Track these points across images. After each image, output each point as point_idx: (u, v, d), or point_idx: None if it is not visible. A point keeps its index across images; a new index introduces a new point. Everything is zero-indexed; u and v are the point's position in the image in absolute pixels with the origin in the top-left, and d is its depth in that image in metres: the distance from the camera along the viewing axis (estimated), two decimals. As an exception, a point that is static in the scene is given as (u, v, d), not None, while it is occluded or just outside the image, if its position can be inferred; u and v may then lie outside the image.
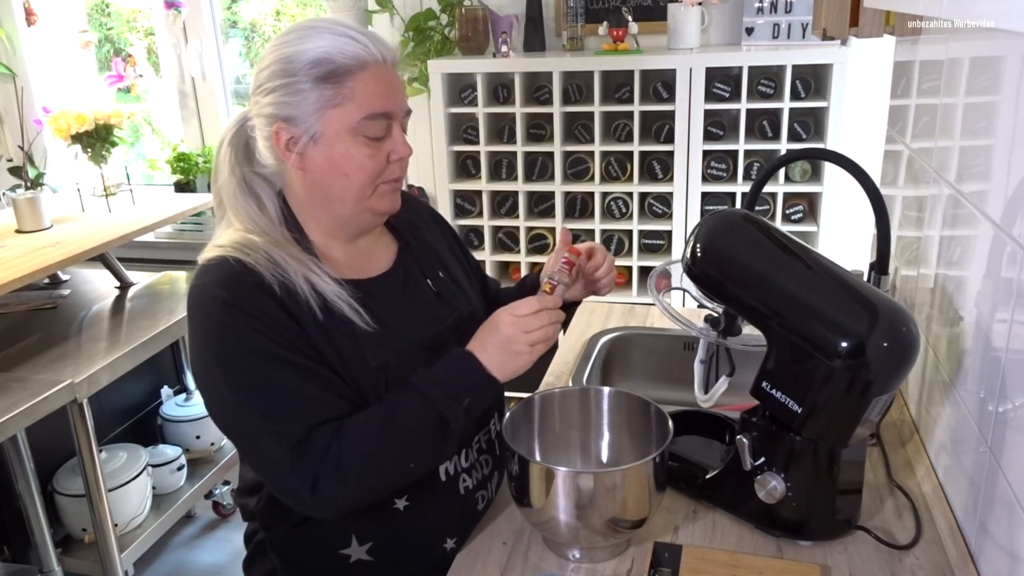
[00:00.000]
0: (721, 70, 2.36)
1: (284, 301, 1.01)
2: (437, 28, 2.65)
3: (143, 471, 2.32)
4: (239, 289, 1.00)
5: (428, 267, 1.22)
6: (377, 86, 1.03)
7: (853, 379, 0.98)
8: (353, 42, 1.01)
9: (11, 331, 2.22)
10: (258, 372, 0.99)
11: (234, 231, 1.07)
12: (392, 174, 1.08)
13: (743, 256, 1.09)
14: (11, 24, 3.15)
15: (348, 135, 1.03)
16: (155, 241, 3.21)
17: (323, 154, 1.04)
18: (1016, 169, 0.91)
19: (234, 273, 1.01)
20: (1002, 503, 0.95)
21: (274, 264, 1.03)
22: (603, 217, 2.54)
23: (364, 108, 1.02)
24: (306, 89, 1.01)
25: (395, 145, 1.07)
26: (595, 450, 1.21)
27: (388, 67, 1.05)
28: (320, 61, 1.00)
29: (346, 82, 1.01)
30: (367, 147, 1.04)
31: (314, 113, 1.02)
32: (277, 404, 0.99)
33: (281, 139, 1.04)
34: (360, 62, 1.01)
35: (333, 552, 1.11)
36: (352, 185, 1.05)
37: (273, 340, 1.00)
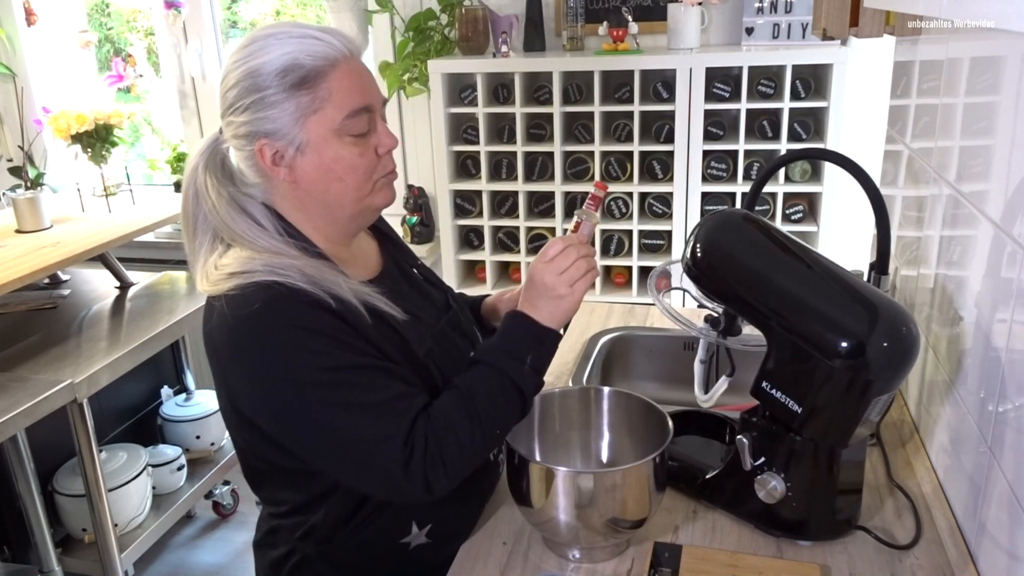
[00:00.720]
0: (721, 70, 2.35)
1: (340, 312, 0.99)
2: (437, 28, 2.65)
3: (143, 471, 2.32)
4: (298, 310, 0.97)
5: (406, 257, 1.25)
6: (351, 82, 1.01)
7: (853, 379, 0.98)
8: (317, 42, 0.99)
9: (11, 331, 2.22)
10: (347, 386, 0.97)
11: (239, 251, 1.03)
12: (385, 167, 1.07)
13: (743, 256, 1.09)
14: (11, 24, 3.15)
15: (333, 138, 1.01)
16: (155, 241, 3.20)
17: (313, 162, 1.02)
18: (1016, 169, 0.91)
19: (283, 296, 0.97)
20: (1002, 503, 0.95)
21: (310, 278, 0.99)
22: (603, 217, 2.54)
23: (344, 107, 1.00)
24: (281, 100, 0.98)
25: (380, 138, 1.05)
26: (595, 450, 1.21)
27: (356, 60, 1.03)
28: (289, 68, 0.98)
29: (320, 84, 0.99)
30: (355, 146, 1.02)
31: (295, 123, 0.99)
32: (376, 412, 0.97)
33: (266, 155, 1.01)
34: (329, 61, 0.99)
35: (393, 543, 1.12)
36: (348, 187, 1.04)
37: (350, 351, 0.98)
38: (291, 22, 1.04)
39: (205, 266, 1.05)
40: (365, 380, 0.98)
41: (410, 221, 2.81)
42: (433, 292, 1.23)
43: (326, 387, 0.97)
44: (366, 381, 0.98)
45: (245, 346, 0.99)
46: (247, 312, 0.97)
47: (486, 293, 1.45)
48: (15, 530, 2.18)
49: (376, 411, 0.98)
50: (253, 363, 0.99)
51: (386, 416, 0.98)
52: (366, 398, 0.98)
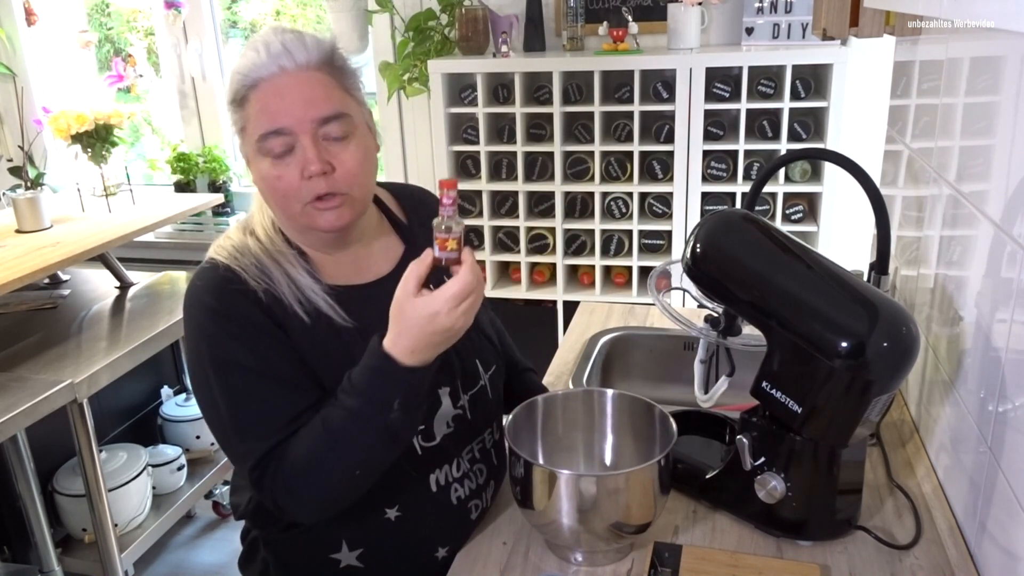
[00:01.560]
0: (721, 70, 2.35)
1: (269, 308, 1.02)
2: (437, 28, 2.65)
3: (143, 471, 2.32)
4: (224, 296, 1.02)
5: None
6: (268, 103, 0.98)
7: (853, 379, 0.98)
8: (255, 58, 0.99)
9: (11, 331, 2.22)
10: (236, 383, 1.01)
11: (240, 229, 1.09)
12: (312, 192, 1.00)
13: (743, 256, 1.09)
14: (11, 24, 3.15)
15: (258, 156, 1.02)
16: (155, 241, 3.21)
17: (253, 175, 1.05)
18: (1016, 169, 0.91)
19: (221, 279, 1.03)
20: (1002, 503, 0.95)
21: (261, 271, 1.04)
22: (603, 217, 2.54)
23: (257, 128, 1.00)
24: (231, 113, 1.03)
25: (303, 161, 0.99)
26: (598, 453, 1.21)
27: (290, 75, 0.98)
28: (232, 83, 1.01)
29: (246, 106, 1.01)
30: (274, 168, 1.00)
31: (237, 137, 1.05)
32: (247, 420, 1.01)
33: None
34: (252, 81, 0.99)
35: (323, 556, 1.11)
36: (276, 205, 1.05)
37: (253, 351, 1.01)
38: (272, 27, 1.04)
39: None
40: (253, 386, 1.01)
41: (410, 221, 2.80)
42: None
43: (222, 375, 1.01)
44: (252, 388, 1.01)
45: (184, 314, 1.07)
46: (191, 286, 1.06)
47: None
48: (15, 530, 2.18)
49: (247, 421, 1.01)
50: (185, 329, 1.07)
51: (252, 431, 1.01)
52: (245, 404, 1.01)
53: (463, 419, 1.14)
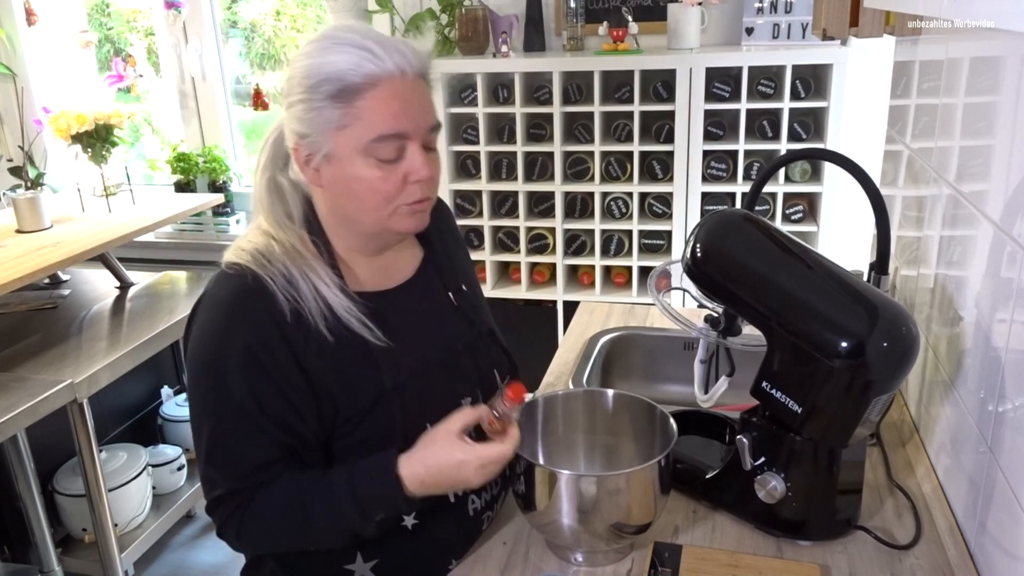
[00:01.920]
0: (721, 70, 2.35)
1: (291, 333, 0.99)
2: (437, 28, 2.65)
3: (143, 471, 2.33)
4: (248, 316, 0.99)
5: (450, 279, 1.18)
6: (389, 105, 0.97)
7: (853, 379, 0.98)
8: (370, 57, 0.96)
9: (11, 331, 2.22)
10: (223, 411, 1.01)
11: (261, 232, 1.06)
12: (411, 196, 1.02)
13: (743, 256, 1.09)
14: (11, 24, 3.15)
15: (358, 157, 0.98)
16: (155, 241, 3.21)
17: (336, 174, 1.00)
18: (1016, 169, 0.91)
19: (247, 293, 1.00)
20: (1002, 503, 0.95)
21: (289, 283, 1.00)
22: (603, 217, 2.54)
23: (373, 129, 0.97)
24: (319, 108, 0.97)
25: (412, 166, 1.00)
26: (598, 453, 1.21)
27: (408, 81, 0.98)
28: (332, 78, 0.96)
29: (355, 102, 0.96)
30: (378, 169, 0.99)
31: (325, 133, 0.98)
32: (217, 450, 1.02)
33: (300, 154, 1.01)
34: (372, 80, 0.96)
35: (337, 567, 1.09)
36: (365, 207, 1.02)
37: (252, 389, 0.99)
38: (361, 27, 1.00)
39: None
40: (236, 420, 1.00)
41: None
42: (457, 324, 1.16)
43: (217, 395, 1.00)
44: (237, 422, 1.00)
45: (199, 320, 1.04)
46: (215, 292, 1.03)
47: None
48: (15, 530, 2.18)
49: (222, 451, 1.02)
50: (195, 337, 1.04)
51: (217, 462, 1.02)
52: (226, 435, 1.01)
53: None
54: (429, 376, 1.08)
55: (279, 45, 3.28)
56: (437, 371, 1.10)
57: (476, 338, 1.17)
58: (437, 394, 1.09)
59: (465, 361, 1.14)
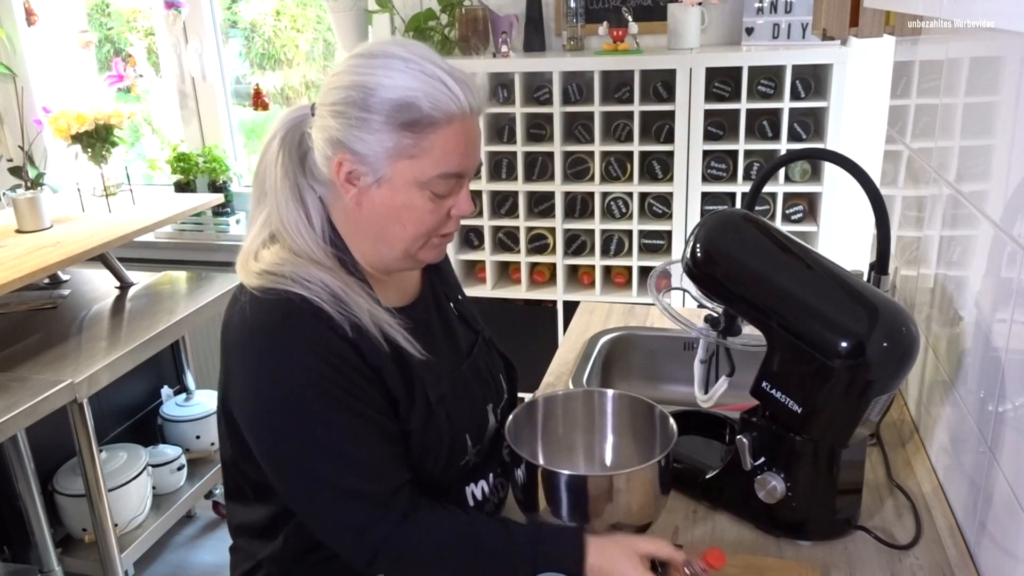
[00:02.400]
0: (721, 70, 2.35)
1: (358, 343, 0.97)
2: (437, 28, 2.65)
3: (143, 471, 2.32)
4: (314, 333, 0.95)
5: (448, 290, 1.20)
6: (457, 144, 0.97)
7: (853, 379, 0.98)
8: (446, 91, 0.94)
9: (11, 331, 2.22)
10: (337, 429, 0.95)
11: (279, 249, 1.01)
12: (447, 228, 1.03)
13: (743, 256, 1.09)
14: (11, 24, 3.15)
15: (414, 187, 0.97)
16: (155, 241, 3.21)
17: (384, 199, 0.98)
18: (1016, 169, 0.91)
19: (303, 313, 0.95)
20: (1002, 503, 0.95)
21: (335, 297, 0.97)
22: (603, 217, 2.54)
23: (439, 166, 0.96)
24: (383, 130, 0.94)
25: (459, 201, 1.01)
26: (599, 453, 1.21)
27: (473, 119, 0.99)
28: (406, 106, 0.93)
29: (427, 135, 0.95)
30: (431, 202, 0.98)
31: (385, 157, 0.95)
32: (357, 465, 0.96)
33: (343, 169, 0.97)
34: (447, 117, 0.95)
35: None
36: (406, 235, 1.00)
37: (354, 393, 0.96)
38: (428, 52, 0.98)
39: (249, 248, 1.03)
40: (360, 428, 0.96)
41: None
42: (462, 331, 1.18)
43: (317, 423, 0.95)
44: (360, 430, 0.96)
45: (253, 354, 0.97)
46: (265, 320, 0.96)
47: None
48: (15, 530, 2.18)
49: (364, 463, 0.96)
50: (256, 373, 0.97)
51: (367, 475, 0.96)
52: (355, 449, 0.96)
53: (498, 433, 1.16)
54: (461, 386, 1.10)
55: (279, 45, 3.28)
56: (466, 380, 1.11)
57: (483, 344, 1.19)
58: (470, 404, 1.11)
59: (482, 368, 1.16)
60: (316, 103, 1.00)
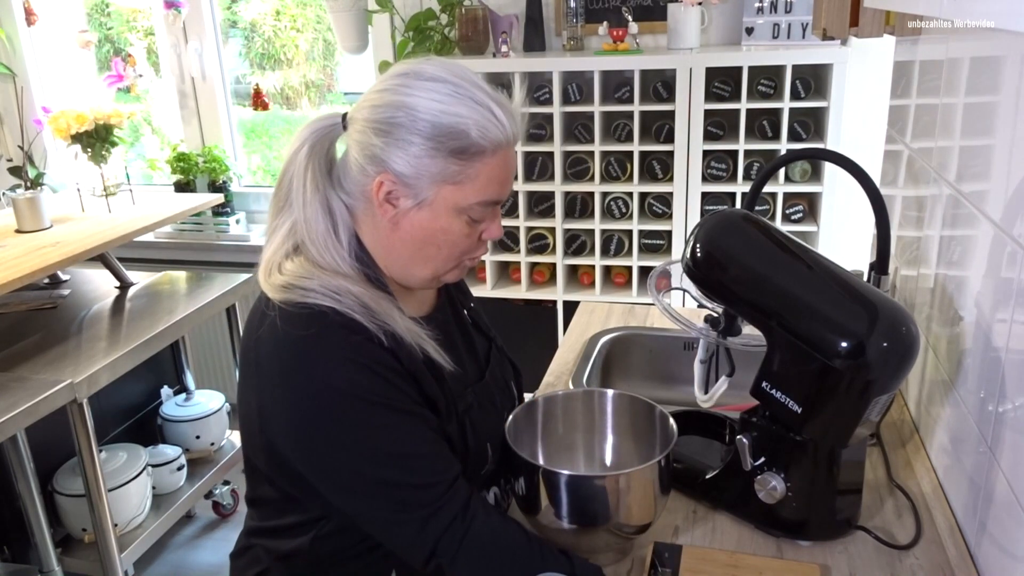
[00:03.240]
0: (721, 70, 2.35)
1: (395, 351, 0.96)
2: (437, 28, 2.65)
3: (143, 471, 2.32)
4: (352, 343, 0.94)
5: (463, 296, 1.21)
6: (500, 173, 0.98)
7: (853, 379, 0.98)
8: (494, 120, 0.95)
9: (11, 331, 2.22)
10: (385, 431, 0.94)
11: (304, 261, 0.99)
12: (478, 252, 1.05)
13: (743, 256, 1.09)
14: (11, 24, 3.15)
15: (454, 212, 0.98)
16: (155, 241, 3.21)
17: (423, 221, 0.98)
18: (1016, 169, 0.91)
19: (339, 326, 0.94)
20: (1002, 503, 0.95)
21: (366, 309, 0.96)
22: (603, 217, 2.54)
23: (482, 193, 0.97)
24: (430, 155, 0.94)
25: (491, 227, 1.03)
26: (599, 453, 1.21)
27: (512, 149, 1.00)
28: (456, 133, 0.93)
29: (474, 163, 0.95)
30: (467, 226, 1.00)
31: (430, 182, 0.95)
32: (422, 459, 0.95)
33: (383, 189, 0.97)
34: (494, 146, 0.95)
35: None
36: (440, 257, 1.02)
37: (397, 396, 0.95)
38: (474, 78, 0.98)
39: (271, 259, 1.01)
40: (412, 427, 0.96)
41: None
42: (477, 339, 1.18)
43: (373, 428, 0.94)
44: (413, 429, 0.96)
45: (292, 370, 0.95)
46: (301, 335, 0.94)
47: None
48: (15, 530, 2.18)
49: (422, 459, 0.95)
50: (297, 389, 0.95)
51: (425, 468, 0.95)
52: (412, 447, 0.95)
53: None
54: (485, 396, 1.11)
55: (279, 45, 3.28)
56: (489, 390, 1.12)
57: (496, 351, 1.20)
58: (492, 413, 1.11)
59: (498, 376, 1.17)
60: (351, 115, 0.99)
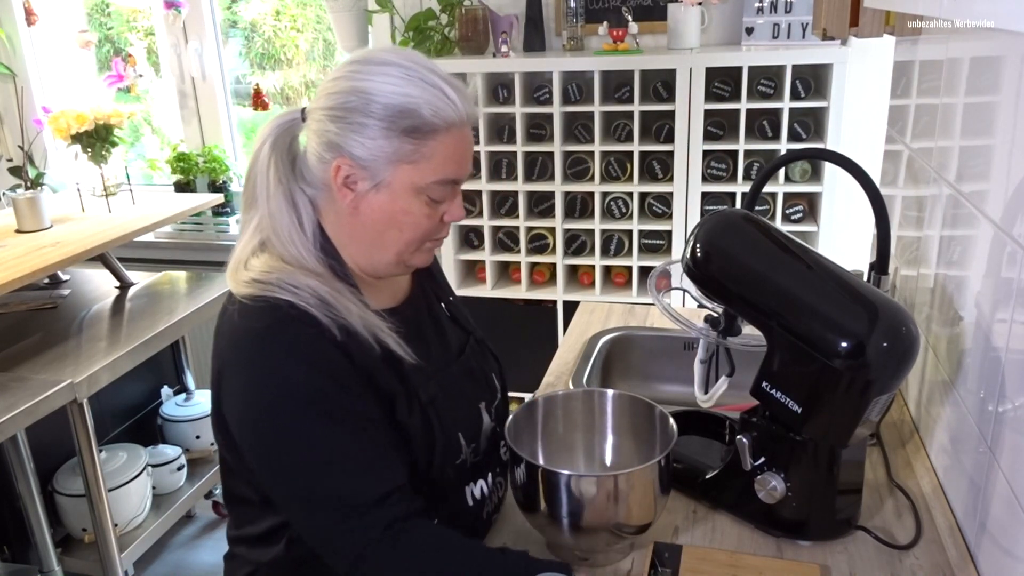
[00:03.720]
0: (721, 70, 2.35)
1: (347, 346, 0.97)
2: (437, 28, 2.65)
3: (143, 471, 2.32)
4: (302, 339, 0.95)
5: (439, 290, 1.21)
6: (455, 151, 0.99)
7: (853, 379, 0.98)
8: (445, 100, 0.96)
9: (11, 331, 2.22)
10: (319, 438, 0.95)
11: (269, 258, 1.01)
12: (440, 233, 1.06)
13: (743, 256, 1.09)
14: (11, 24, 3.15)
15: (412, 192, 0.99)
16: (155, 241, 3.21)
17: (382, 204, 1.00)
18: (1016, 169, 0.91)
19: (291, 320, 0.95)
20: (1002, 503, 0.95)
21: (324, 303, 0.97)
22: (603, 217, 2.54)
23: (438, 172, 0.98)
24: (383, 136, 0.96)
25: (452, 208, 1.04)
26: (599, 453, 1.21)
27: (467, 128, 1.01)
28: (408, 113, 0.95)
29: (428, 141, 0.97)
30: (427, 207, 1.01)
31: (385, 163, 0.97)
32: (337, 474, 0.95)
33: (341, 173, 0.98)
34: (447, 124, 0.97)
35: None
36: (402, 239, 1.02)
37: (339, 400, 0.96)
38: (425, 60, 0.99)
39: (239, 256, 1.03)
40: (346, 436, 0.96)
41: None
42: (452, 332, 1.18)
43: (306, 432, 0.95)
44: (347, 437, 0.96)
45: (244, 361, 0.98)
46: (254, 328, 0.97)
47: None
48: (15, 530, 2.18)
49: (350, 470, 0.96)
50: (245, 380, 0.98)
51: (351, 482, 0.95)
52: (340, 456, 0.95)
53: (495, 432, 1.16)
54: (452, 386, 1.10)
55: (279, 45, 3.28)
56: (457, 380, 1.11)
57: (475, 344, 1.19)
58: (462, 403, 1.11)
59: (475, 368, 1.16)
60: (309, 107, 1.02)
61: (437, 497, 1.05)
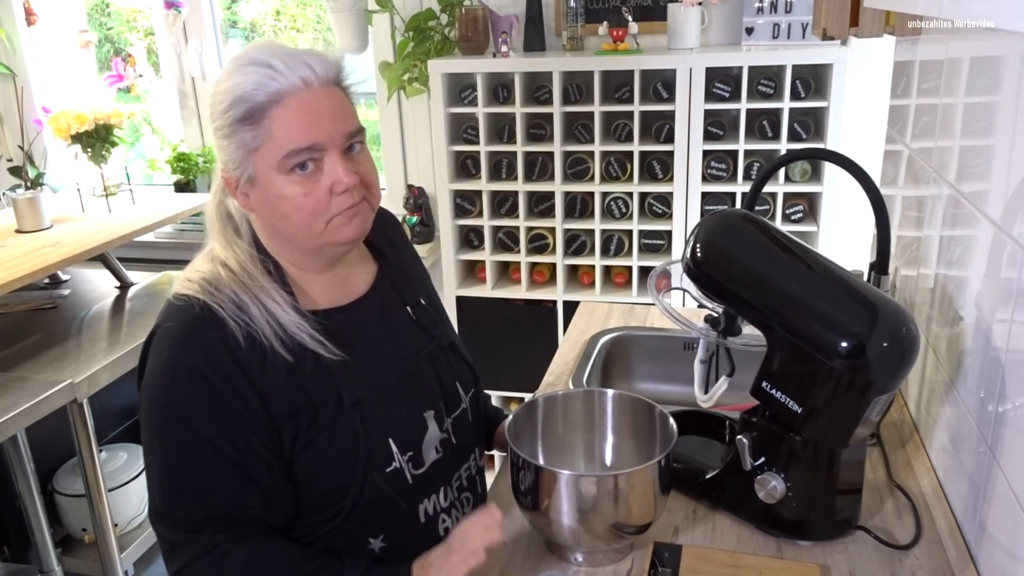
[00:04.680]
0: (721, 70, 2.35)
1: (247, 356, 0.97)
2: (437, 28, 2.65)
3: (143, 471, 2.32)
4: (196, 342, 0.97)
5: (407, 293, 1.17)
6: (296, 119, 0.95)
7: (853, 379, 0.98)
8: (272, 74, 0.94)
9: (11, 331, 2.22)
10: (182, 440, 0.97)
11: (209, 260, 1.05)
12: (340, 206, 0.99)
13: (743, 256, 1.09)
14: (11, 24, 3.15)
15: (277, 175, 0.97)
16: (155, 241, 3.20)
17: (261, 196, 0.99)
18: (1016, 169, 0.91)
19: (197, 321, 0.98)
20: (1002, 503, 0.95)
21: (239, 308, 0.99)
22: (603, 217, 2.54)
23: (284, 146, 0.95)
24: (231, 132, 0.97)
25: (334, 176, 0.97)
26: (599, 453, 1.21)
27: (316, 91, 0.96)
28: (237, 101, 0.95)
29: (262, 121, 0.95)
30: (300, 185, 0.97)
31: (243, 156, 0.97)
32: (177, 487, 0.98)
33: (230, 182, 1.01)
34: (275, 96, 0.94)
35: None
36: (295, 224, 0.99)
37: (208, 412, 0.97)
38: (263, 44, 0.99)
39: (193, 262, 1.08)
40: (198, 453, 0.97)
41: (410, 221, 2.81)
42: (416, 336, 1.15)
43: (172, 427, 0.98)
44: (198, 454, 0.97)
45: (150, 355, 1.02)
46: (164, 324, 1.01)
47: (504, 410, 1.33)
48: (15, 530, 2.18)
49: (182, 489, 0.97)
50: (147, 371, 1.01)
51: (187, 497, 0.97)
52: (184, 470, 0.97)
53: (449, 443, 1.12)
54: (389, 390, 1.07)
55: (279, 45, 3.27)
56: (396, 385, 1.08)
57: (437, 351, 1.15)
58: (398, 408, 1.07)
59: (426, 374, 1.12)
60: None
61: (374, 511, 1.03)
